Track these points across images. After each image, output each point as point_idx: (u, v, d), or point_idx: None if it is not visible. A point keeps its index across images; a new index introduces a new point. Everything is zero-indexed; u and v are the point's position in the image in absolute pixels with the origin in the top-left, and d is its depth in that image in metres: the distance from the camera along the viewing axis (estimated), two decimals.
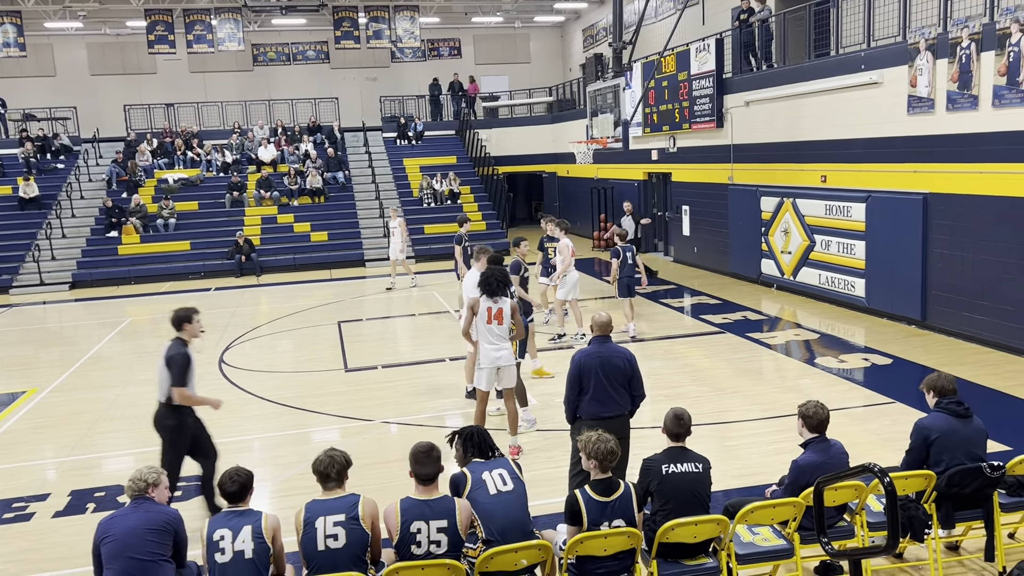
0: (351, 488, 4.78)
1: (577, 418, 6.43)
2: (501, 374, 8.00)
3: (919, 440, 5.49)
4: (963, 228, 11.50)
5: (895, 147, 12.70)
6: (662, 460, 5.12)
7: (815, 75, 14.55)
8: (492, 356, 7.91)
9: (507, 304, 7.97)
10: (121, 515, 4.71)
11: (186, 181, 25.99)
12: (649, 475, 5.09)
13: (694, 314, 14.73)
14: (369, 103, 32.26)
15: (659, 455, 5.20)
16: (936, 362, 10.56)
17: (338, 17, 27.98)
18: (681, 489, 5.03)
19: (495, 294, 7.91)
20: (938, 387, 5.62)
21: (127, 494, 4.81)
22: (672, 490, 5.02)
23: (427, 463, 4.71)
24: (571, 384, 6.38)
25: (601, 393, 6.30)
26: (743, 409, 9.25)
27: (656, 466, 5.10)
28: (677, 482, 5.03)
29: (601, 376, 6.29)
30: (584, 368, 6.32)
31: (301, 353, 13.43)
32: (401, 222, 19.15)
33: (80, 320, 18.33)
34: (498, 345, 7.92)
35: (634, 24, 16.51)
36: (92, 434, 9.55)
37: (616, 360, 6.38)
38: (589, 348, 6.49)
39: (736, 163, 17.37)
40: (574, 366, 6.37)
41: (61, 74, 31.06)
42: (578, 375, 6.33)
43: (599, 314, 6.65)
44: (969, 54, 11.01)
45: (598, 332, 6.54)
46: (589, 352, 6.41)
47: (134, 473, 4.82)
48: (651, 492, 5.09)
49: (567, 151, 23.94)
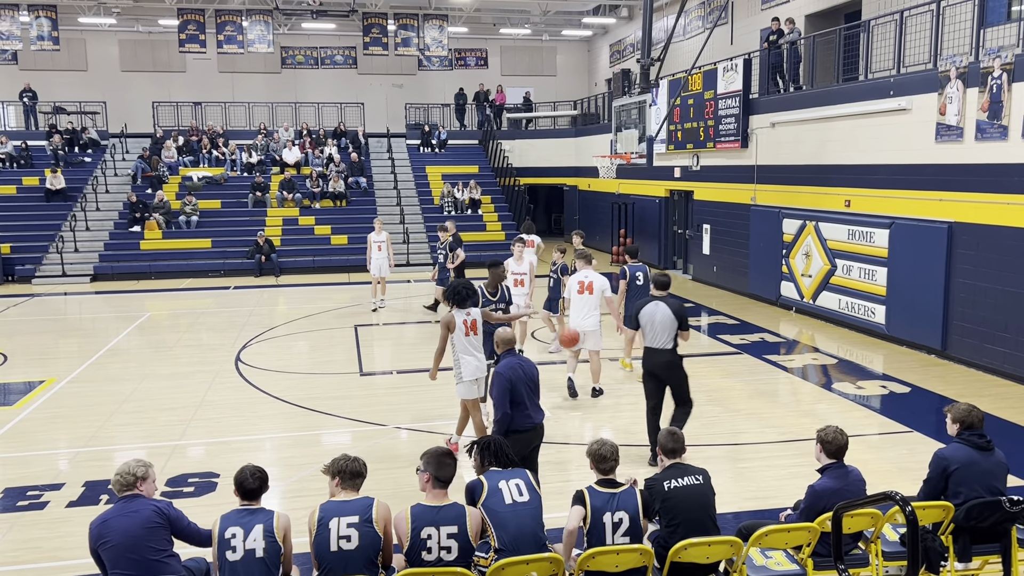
0: (364, 491, 4.79)
1: (509, 432, 6.43)
2: (482, 383, 8.19)
3: (938, 470, 5.43)
4: (987, 259, 11.39)
5: (921, 174, 12.61)
6: (663, 477, 5.15)
7: (843, 99, 14.49)
8: (475, 367, 7.97)
9: (478, 313, 8.11)
10: (113, 517, 4.60)
11: (210, 179, 26.22)
12: (653, 494, 5.10)
13: (711, 333, 14.66)
14: (394, 109, 32.45)
15: (659, 474, 5.22)
16: (955, 393, 10.45)
17: (368, 23, 28.19)
18: (686, 503, 5.04)
19: (464, 305, 7.97)
20: (966, 422, 5.53)
21: (115, 489, 4.72)
22: (677, 506, 5.03)
23: (446, 467, 4.77)
24: (504, 398, 6.39)
25: (528, 403, 6.48)
26: (758, 431, 9.18)
27: (658, 484, 5.11)
28: (681, 496, 5.04)
29: (524, 387, 6.46)
30: (514, 380, 6.43)
31: (317, 355, 13.48)
32: (388, 236, 17.11)
33: (100, 313, 18.49)
34: (478, 356, 8.05)
35: (663, 41, 16.53)
36: (108, 426, 9.61)
37: (530, 370, 6.61)
38: (510, 361, 6.58)
39: (759, 184, 17.31)
40: (504, 380, 6.41)
41: (92, 69, 31.48)
42: (510, 387, 6.41)
43: (504, 330, 6.85)
44: (1000, 84, 10.94)
45: (506, 348, 6.72)
46: (511, 364, 6.53)
47: (121, 467, 4.74)
48: (657, 511, 5.08)
49: (589, 165, 23.98)
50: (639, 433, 8.75)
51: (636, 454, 8.26)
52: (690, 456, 5.40)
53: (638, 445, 8.51)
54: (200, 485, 7.71)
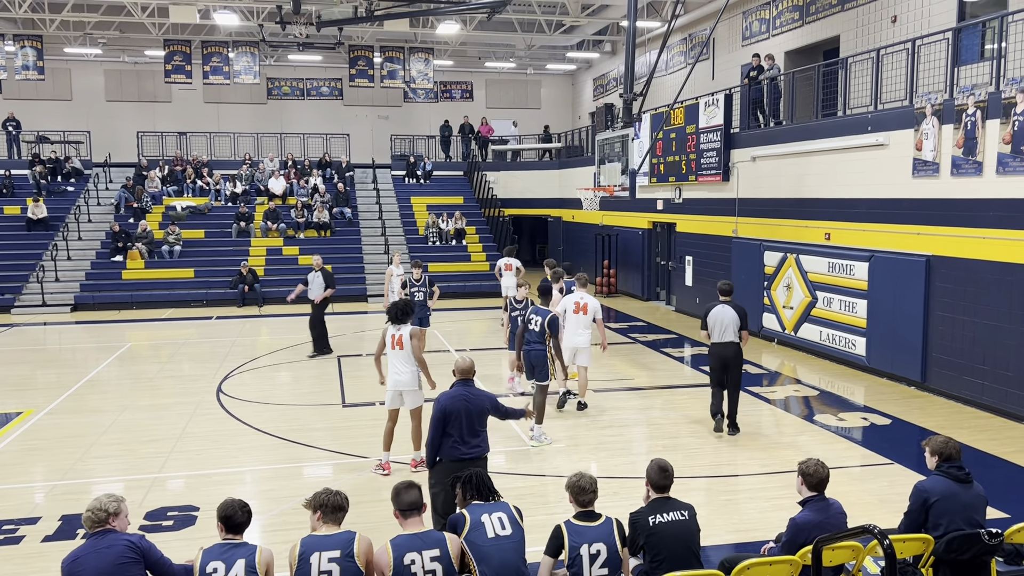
0: (346, 525, 4.76)
1: (437, 461, 6.52)
2: (404, 397, 8.65)
3: (918, 503, 5.47)
4: (965, 292, 11.56)
5: (899, 208, 12.81)
6: (648, 512, 5.15)
7: (822, 134, 14.74)
8: (394, 379, 8.59)
9: (407, 331, 8.54)
10: (85, 555, 4.47)
11: (194, 209, 26.18)
12: (637, 529, 5.10)
13: (694, 364, 14.72)
14: (380, 140, 32.64)
15: (644, 508, 5.23)
16: (935, 424, 10.53)
17: (354, 56, 28.45)
18: (670, 538, 5.03)
19: (398, 322, 8.50)
20: (944, 454, 5.59)
21: (86, 526, 4.61)
22: (661, 541, 5.02)
23: (407, 491, 4.80)
24: (436, 426, 6.47)
25: (464, 435, 6.45)
26: (740, 463, 9.20)
27: (643, 519, 5.11)
28: (665, 532, 5.04)
29: (464, 419, 6.44)
30: (449, 410, 6.44)
31: (299, 386, 13.40)
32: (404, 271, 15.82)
33: (80, 343, 18.33)
34: (399, 369, 8.54)
35: (645, 76, 16.77)
36: (86, 458, 9.50)
37: (479, 402, 6.56)
38: (454, 391, 6.60)
39: (741, 216, 17.50)
40: (439, 409, 6.47)
41: (77, 98, 31.51)
42: (443, 418, 6.44)
43: (462, 359, 6.84)
44: (974, 121, 11.18)
45: (461, 376, 6.71)
46: (454, 395, 6.53)
47: (92, 503, 4.63)
48: (641, 546, 5.08)
49: (573, 196, 24.16)
50: (621, 466, 8.77)
51: (615, 487, 8.25)
52: (673, 488, 5.41)
53: (621, 477, 8.51)
54: (179, 519, 7.63)
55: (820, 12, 18.53)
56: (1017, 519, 6.00)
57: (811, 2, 18.86)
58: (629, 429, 10.70)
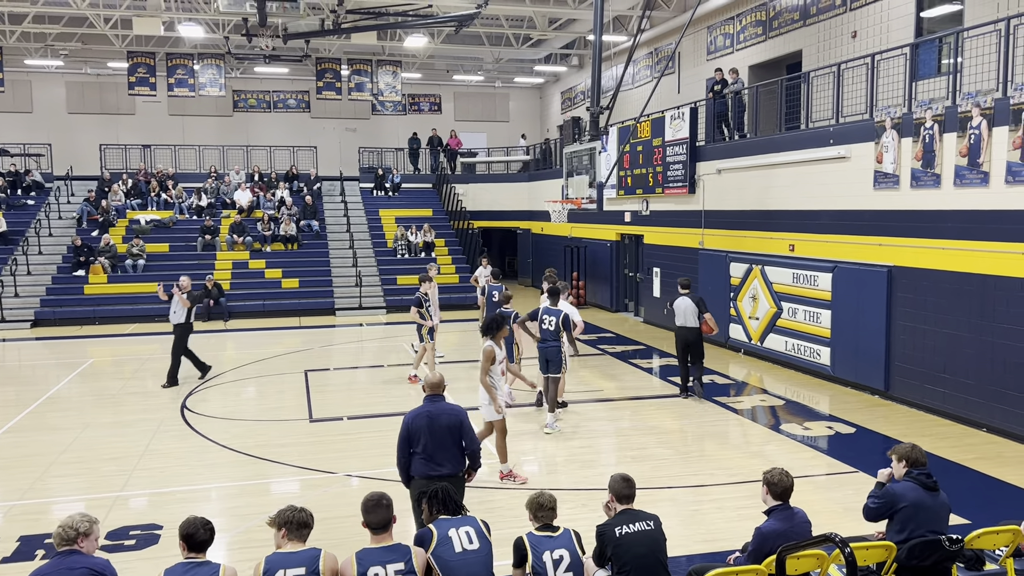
0: (312, 542, 4.72)
1: (411, 478, 6.48)
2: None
3: (887, 501, 5.53)
4: (925, 302, 11.77)
5: (861, 220, 13.03)
6: (614, 523, 5.19)
7: (785, 147, 14.96)
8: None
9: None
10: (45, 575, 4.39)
11: (158, 223, 25.85)
12: (604, 540, 5.13)
13: (662, 375, 14.81)
14: (348, 153, 32.51)
15: (611, 520, 5.27)
16: (898, 433, 10.69)
17: (321, 68, 28.36)
18: (637, 549, 5.07)
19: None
20: (911, 458, 5.68)
21: (55, 542, 4.53)
22: (628, 551, 5.06)
23: (375, 511, 4.76)
24: (400, 445, 6.46)
25: (431, 452, 6.38)
26: (708, 473, 9.26)
27: (610, 530, 5.14)
28: (632, 542, 5.08)
29: (429, 435, 6.38)
30: (412, 428, 6.42)
31: (266, 401, 13.25)
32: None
33: (40, 360, 17.96)
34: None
35: (612, 89, 16.91)
36: (45, 478, 9.30)
37: (444, 418, 6.47)
38: (419, 408, 6.58)
39: (707, 228, 17.68)
40: (404, 427, 6.46)
41: (38, 111, 31.00)
42: (407, 436, 6.43)
43: (432, 374, 6.84)
44: (932, 134, 11.42)
45: (430, 392, 6.68)
46: (419, 412, 6.51)
47: (65, 520, 4.56)
48: (608, 557, 5.12)
49: (542, 208, 24.25)
50: (590, 478, 8.80)
51: (583, 499, 8.26)
52: (641, 499, 5.43)
53: (590, 489, 8.52)
54: (142, 538, 7.49)
55: (782, 27, 18.84)
56: (978, 525, 6.10)
57: (773, 17, 19.18)
58: (598, 441, 10.72)
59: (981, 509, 7.94)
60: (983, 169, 10.61)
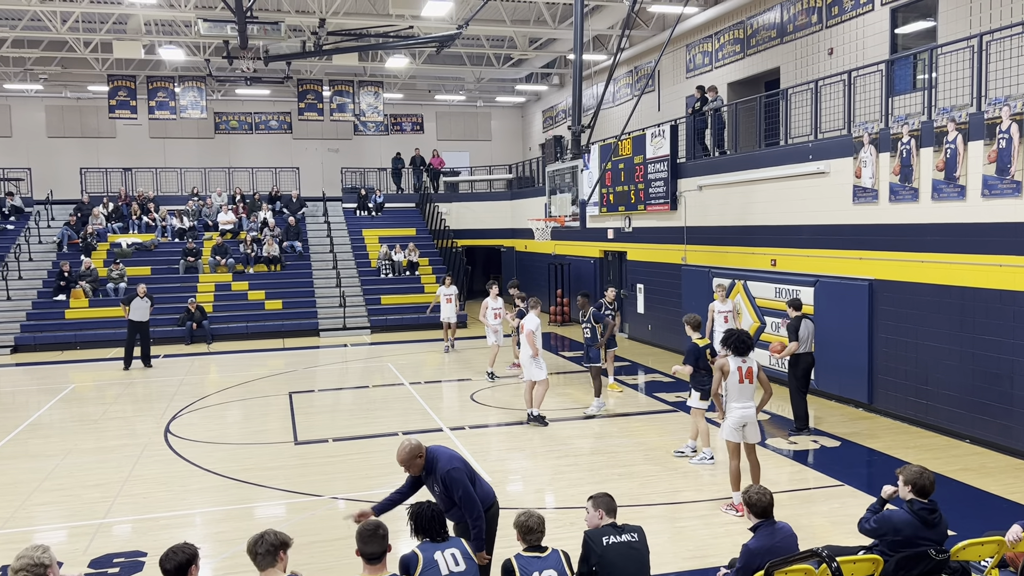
0: (296, 566, 4.67)
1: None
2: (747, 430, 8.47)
3: (882, 529, 5.56)
4: (906, 314, 11.88)
5: (842, 234, 13.16)
6: (602, 533, 5.23)
7: (765, 163, 15.10)
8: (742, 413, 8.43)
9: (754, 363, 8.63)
10: None
11: (140, 246, 25.69)
12: (590, 546, 5.17)
13: (648, 392, 14.83)
14: (330, 173, 32.52)
15: (598, 530, 5.31)
16: (883, 445, 10.76)
17: (302, 89, 28.38)
18: (623, 560, 5.11)
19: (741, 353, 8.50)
20: (918, 485, 5.64)
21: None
22: (614, 562, 5.09)
23: (372, 541, 4.66)
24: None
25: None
26: (695, 489, 9.27)
27: (597, 537, 5.19)
28: (616, 554, 5.12)
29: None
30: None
31: (250, 424, 13.15)
32: (456, 291, 20.56)
33: (21, 385, 17.75)
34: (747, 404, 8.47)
35: (593, 108, 17.03)
36: (27, 506, 9.17)
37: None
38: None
39: (689, 244, 17.79)
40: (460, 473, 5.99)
41: (17, 135, 30.83)
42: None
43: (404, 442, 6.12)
44: (909, 149, 11.58)
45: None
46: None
47: (23, 560, 4.33)
48: (592, 567, 5.14)
49: (526, 227, 24.30)
50: (578, 496, 8.78)
51: (571, 518, 8.24)
52: (629, 515, 5.44)
53: (578, 508, 8.50)
54: (126, 566, 7.40)
55: (760, 45, 19.08)
56: (963, 536, 6.13)
57: (751, 35, 19.42)
58: (585, 458, 10.71)
59: (966, 520, 7.98)
60: (960, 183, 10.76)
